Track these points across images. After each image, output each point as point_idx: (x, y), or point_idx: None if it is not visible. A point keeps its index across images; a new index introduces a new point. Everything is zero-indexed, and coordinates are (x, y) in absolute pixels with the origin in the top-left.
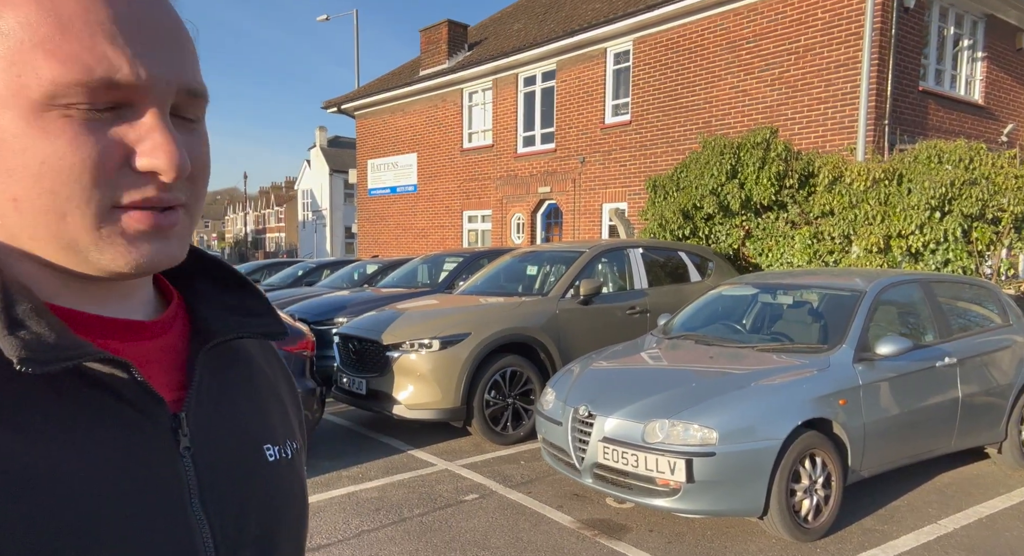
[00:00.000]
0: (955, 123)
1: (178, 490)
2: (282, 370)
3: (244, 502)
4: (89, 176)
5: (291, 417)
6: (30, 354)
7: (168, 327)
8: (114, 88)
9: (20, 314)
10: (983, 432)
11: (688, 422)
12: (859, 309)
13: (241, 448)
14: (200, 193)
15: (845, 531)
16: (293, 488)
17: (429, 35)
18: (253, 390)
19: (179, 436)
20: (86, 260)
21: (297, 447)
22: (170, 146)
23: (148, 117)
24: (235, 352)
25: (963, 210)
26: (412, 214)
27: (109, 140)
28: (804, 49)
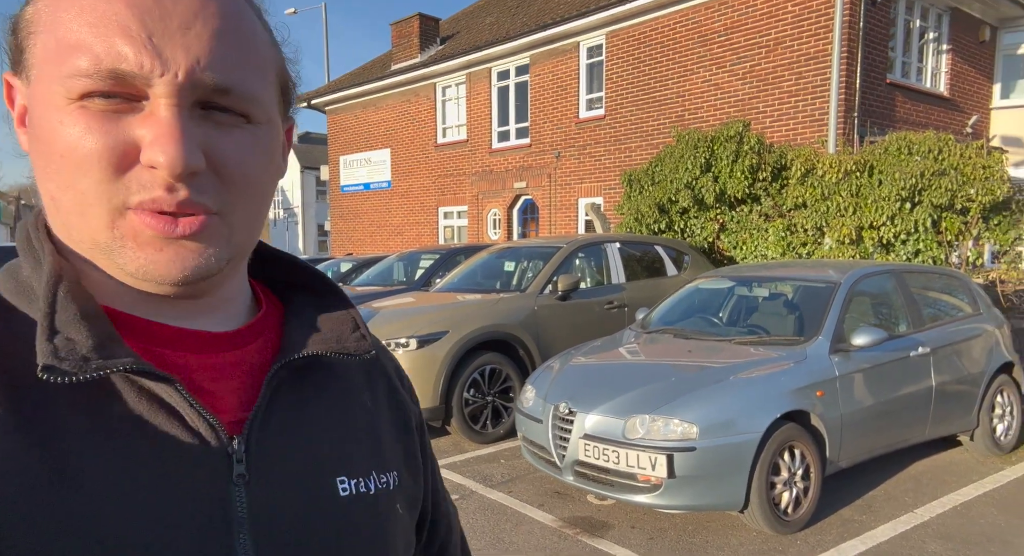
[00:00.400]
0: (921, 115)
1: (224, 522)
2: (390, 397)
3: (303, 540)
4: (100, 169)
5: (386, 448)
6: (55, 362)
7: (248, 340)
8: (121, 78)
9: (62, 321)
10: (956, 420)
11: (668, 417)
12: (834, 301)
13: (309, 479)
14: (241, 200)
15: (824, 522)
16: (371, 527)
17: (400, 29)
18: (341, 415)
19: (232, 462)
20: (114, 263)
21: (390, 482)
22: (169, 137)
23: (158, 109)
24: (328, 372)
25: (933, 201)
26: (386, 211)
27: (120, 132)
28: (775, 42)
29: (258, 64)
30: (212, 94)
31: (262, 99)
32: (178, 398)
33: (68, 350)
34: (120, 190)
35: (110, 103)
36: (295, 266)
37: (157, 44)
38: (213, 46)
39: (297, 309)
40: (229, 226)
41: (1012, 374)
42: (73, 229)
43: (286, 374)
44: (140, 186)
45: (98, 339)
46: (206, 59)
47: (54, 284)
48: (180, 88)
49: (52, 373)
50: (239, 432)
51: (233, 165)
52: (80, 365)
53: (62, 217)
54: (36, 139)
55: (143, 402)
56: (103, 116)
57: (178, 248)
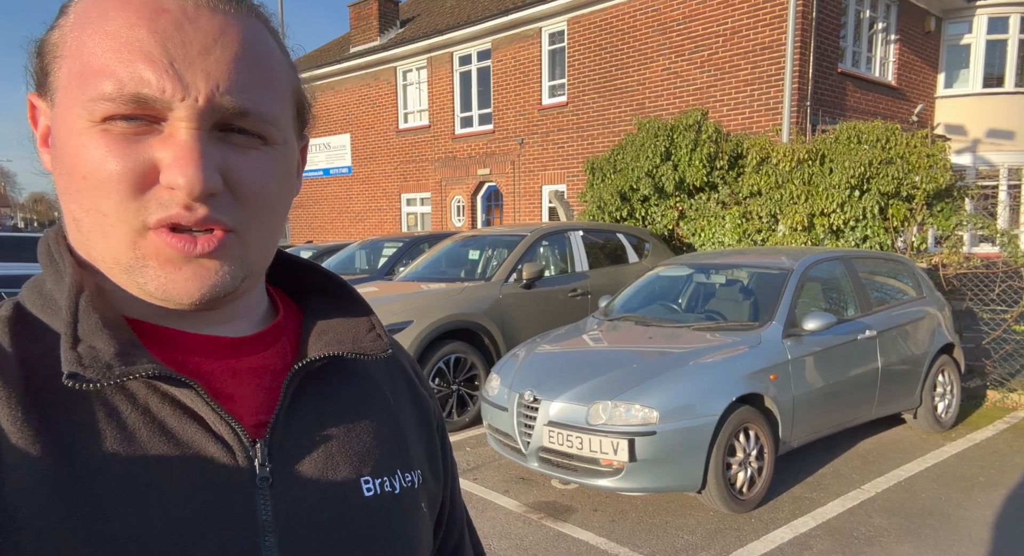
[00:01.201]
0: (871, 104)
1: (249, 526)
2: (412, 394)
3: (329, 541)
4: (120, 189)
5: (411, 444)
6: (80, 369)
7: (267, 344)
8: (143, 102)
9: (84, 330)
10: (901, 399)
11: (630, 403)
12: (787, 286)
13: (333, 480)
14: (257, 219)
15: (777, 500)
16: (396, 527)
17: (359, 10)
18: (363, 415)
19: (255, 465)
20: (135, 282)
21: (415, 480)
22: (188, 159)
23: (177, 132)
24: (349, 373)
25: (880, 188)
26: (347, 197)
27: (139, 154)
28: (731, 31)
29: (275, 87)
30: (231, 117)
31: (279, 121)
32: (200, 403)
33: (91, 358)
34: (140, 210)
35: (131, 126)
36: (310, 270)
37: (178, 69)
38: (232, 70)
39: (314, 312)
40: (244, 244)
41: (952, 355)
42: (94, 248)
43: (305, 376)
44: (159, 205)
45: (120, 346)
46: (225, 84)
47: (76, 294)
48: (200, 112)
49: (77, 380)
50: (261, 435)
51: (250, 185)
52: (104, 372)
53: (83, 237)
54: (59, 160)
55: (165, 408)
56: (124, 139)
57: (196, 267)
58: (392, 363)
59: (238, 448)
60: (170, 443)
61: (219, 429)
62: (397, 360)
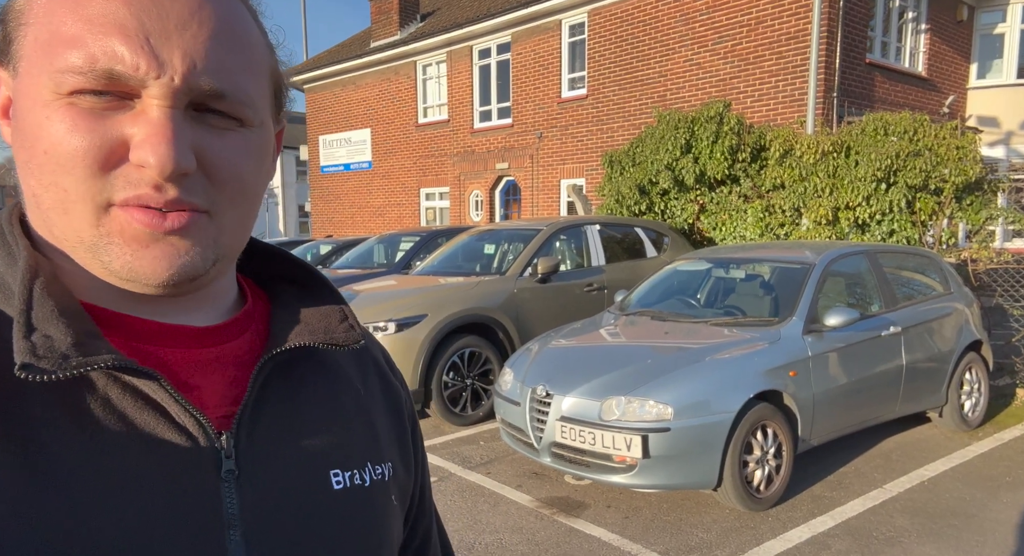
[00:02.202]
0: (900, 95)
1: (214, 520)
2: (383, 385)
3: (297, 535)
4: (84, 165)
5: (382, 436)
6: (33, 360)
7: (234, 334)
8: (115, 78)
9: (39, 317)
10: (926, 397)
11: (644, 398)
12: (808, 281)
13: (301, 474)
14: (232, 202)
15: (796, 499)
16: (366, 520)
17: (379, 5)
18: (333, 407)
19: (221, 458)
20: (99, 261)
21: (384, 472)
22: (161, 137)
23: (150, 109)
24: (319, 364)
25: (907, 181)
26: (367, 192)
27: (107, 130)
28: (756, 21)
29: (253, 68)
30: (207, 98)
31: (256, 103)
32: (163, 394)
33: (46, 348)
34: (105, 187)
35: (100, 101)
36: (282, 259)
37: (154, 45)
38: (209, 49)
39: (284, 302)
40: (218, 227)
41: (980, 352)
42: (55, 226)
43: (274, 367)
44: (127, 183)
45: (77, 336)
46: (202, 63)
47: (30, 280)
48: (175, 91)
49: (30, 371)
50: (228, 427)
51: (225, 168)
52: (59, 363)
53: (43, 214)
54: (19, 133)
55: (127, 399)
56: (91, 114)
57: (165, 246)
58: (363, 354)
59: (203, 440)
60: (132, 436)
61: (183, 421)
62: (368, 350)
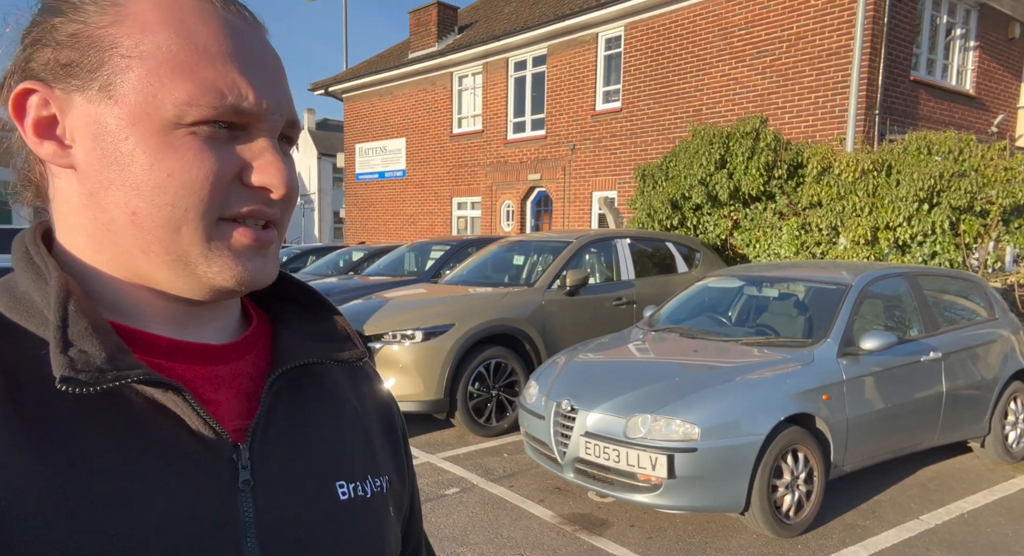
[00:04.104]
0: (946, 113)
1: (232, 527)
2: (376, 401)
3: (308, 543)
4: (208, 188)
5: (379, 450)
6: (73, 374)
7: (244, 352)
8: (239, 114)
9: (74, 334)
10: (967, 426)
11: (670, 417)
12: (844, 303)
13: (310, 484)
14: (289, 214)
15: (826, 526)
16: (369, 530)
17: (419, 17)
18: (335, 421)
19: (238, 468)
20: (194, 273)
21: (383, 485)
22: (281, 165)
23: (262, 141)
24: (318, 380)
25: (951, 202)
26: (401, 200)
27: (228, 157)
28: (796, 37)
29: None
30: (288, 128)
31: (301, 130)
32: (184, 407)
33: (84, 362)
34: (220, 206)
35: (216, 130)
36: (282, 280)
37: (266, 88)
38: (287, 89)
39: (287, 321)
40: (278, 239)
41: None
42: (156, 243)
43: (283, 383)
44: (241, 201)
45: (110, 351)
46: (289, 101)
47: (64, 298)
48: (279, 126)
49: (71, 384)
50: (243, 440)
51: (291, 188)
52: (96, 376)
53: (142, 233)
54: (117, 158)
55: (150, 412)
56: (211, 142)
57: (261, 260)
58: (357, 370)
59: (222, 451)
60: (157, 446)
61: (203, 433)
62: (362, 367)
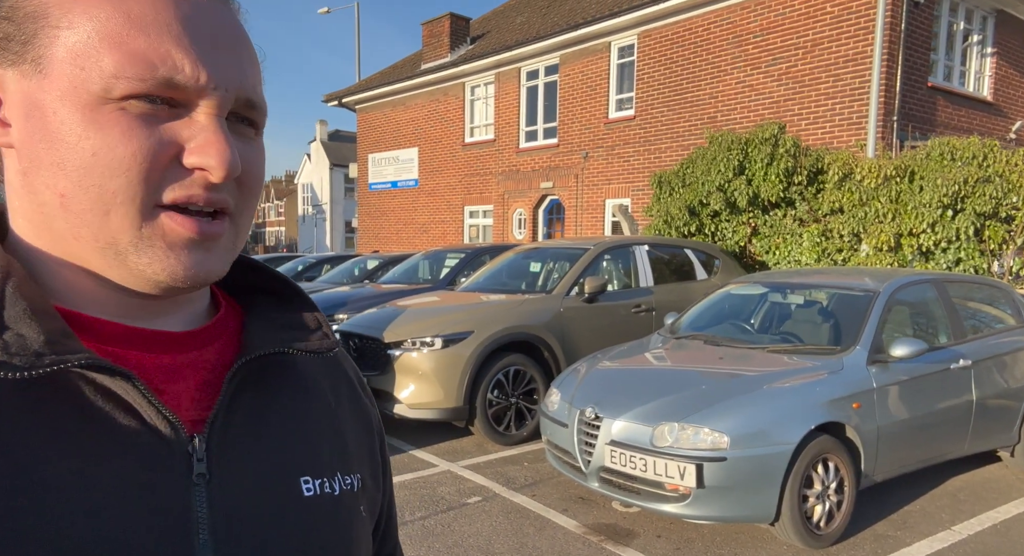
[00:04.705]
0: (963, 120)
1: (183, 523)
2: (352, 400)
3: (266, 540)
4: (137, 169)
5: (352, 448)
6: (6, 358)
7: (207, 341)
8: (173, 87)
9: (11, 316)
10: (996, 435)
11: (698, 426)
12: (873, 309)
13: (272, 479)
14: (249, 205)
15: (857, 537)
16: (335, 528)
17: (431, 28)
18: (303, 415)
19: (193, 461)
20: (125, 264)
21: (354, 483)
22: (222, 144)
23: (203, 118)
24: (289, 372)
25: (976, 208)
26: (413, 209)
27: (161, 135)
28: (812, 43)
29: (261, 80)
30: (243, 107)
31: (266, 113)
32: (136, 395)
33: (19, 345)
34: (154, 189)
35: (150, 107)
36: (255, 270)
37: (209, 59)
38: (246, 64)
39: (259, 311)
40: (236, 230)
41: None
42: (84, 227)
43: (247, 374)
44: (179, 185)
45: (50, 335)
46: (243, 76)
47: (2, 280)
48: (225, 101)
49: (4, 369)
50: (200, 431)
51: (251, 172)
52: (32, 360)
53: (72, 216)
54: (45, 135)
55: (99, 399)
56: (143, 119)
57: (200, 251)
58: (335, 367)
59: (175, 443)
60: (104, 436)
61: (156, 423)
62: (340, 365)
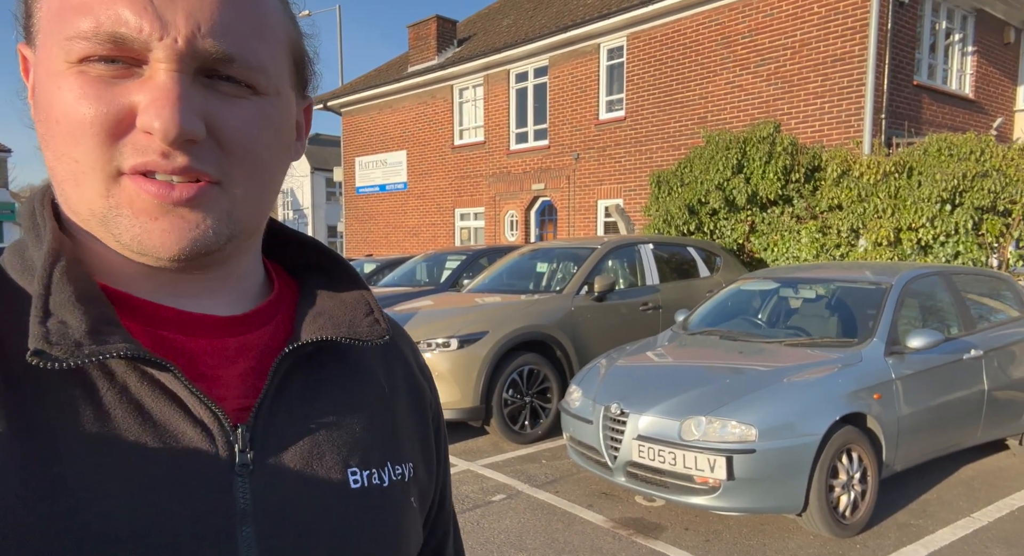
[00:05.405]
0: (947, 117)
1: (226, 515)
2: (409, 384)
3: (310, 533)
4: (93, 134)
5: (404, 436)
6: (46, 347)
7: (258, 325)
8: (120, 42)
9: (56, 303)
10: (1006, 424)
11: (726, 419)
12: (887, 302)
13: (317, 470)
14: (244, 173)
15: (880, 526)
16: (383, 520)
17: (417, 30)
18: (354, 403)
19: (235, 451)
20: (111, 234)
21: (404, 473)
22: (166, 101)
23: (157, 74)
24: (342, 357)
25: (974, 202)
26: (402, 212)
27: (116, 97)
28: (800, 44)
29: (266, 33)
30: (215, 62)
31: (269, 70)
32: (177, 385)
33: (60, 334)
34: (115, 156)
35: (110, 68)
36: (312, 247)
37: (158, 7)
38: (217, 11)
39: (311, 292)
40: (230, 199)
41: None
42: (70, 199)
43: (296, 359)
44: (135, 150)
45: (93, 323)
46: (208, 25)
47: (51, 263)
48: (180, 54)
49: (42, 358)
50: (245, 420)
51: (236, 136)
52: (72, 350)
53: (59, 187)
54: (37, 106)
55: (144, 389)
56: (100, 81)
57: (175, 218)
58: (391, 349)
59: (218, 433)
60: (147, 426)
61: (199, 413)
62: (397, 346)
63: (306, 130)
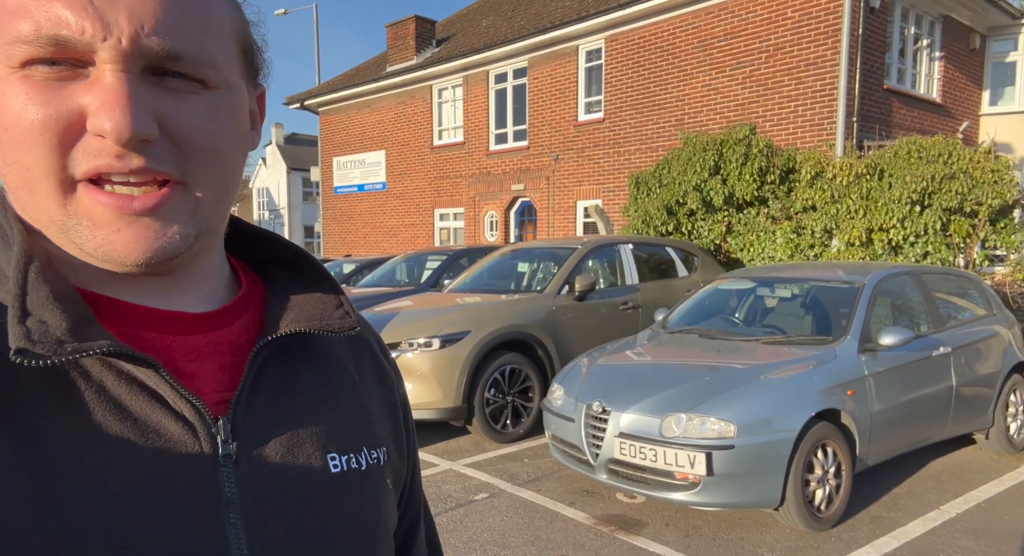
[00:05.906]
0: (916, 120)
1: (212, 504)
2: (376, 371)
3: (296, 518)
4: (43, 140)
5: (376, 421)
6: (28, 345)
7: (228, 321)
8: (63, 45)
9: (34, 302)
10: (973, 419)
11: (705, 416)
12: (860, 301)
13: (299, 457)
14: (204, 170)
15: (855, 519)
16: (363, 503)
17: (396, 31)
18: (328, 392)
19: (219, 443)
20: (72, 242)
21: (380, 457)
22: (115, 103)
23: (103, 75)
24: (312, 349)
25: (942, 204)
26: (381, 212)
27: (63, 101)
28: (775, 48)
29: (211, 26)
30: (162, 60)
31: (218, 63)
32: (158, 380)
33: (41, 333)
34: (67, 161)
35: (54, 71)
36: (275, 243)
37: (99, 7)
38: (159, 8)
39: (279, 287)
40: (194, 199)
41: None
42: (27, 207)
43: (270, 352)
44: (88, 154)
45: (73, 321)
46: (152, 23)
47: (25, 264)
48: (125, 54)
49: (26, 356)
50: (224, 413)
51: (191, 133)
52: (55, 348)
53: (13, 194)
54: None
55: (122, 386)
56: (46, 85)
57: (139, 228)
58: (357, 340)
59: (200, 426)
60: (128, 423)
61: (180, 407)
62: (363, 336)
63: (260, 118)
